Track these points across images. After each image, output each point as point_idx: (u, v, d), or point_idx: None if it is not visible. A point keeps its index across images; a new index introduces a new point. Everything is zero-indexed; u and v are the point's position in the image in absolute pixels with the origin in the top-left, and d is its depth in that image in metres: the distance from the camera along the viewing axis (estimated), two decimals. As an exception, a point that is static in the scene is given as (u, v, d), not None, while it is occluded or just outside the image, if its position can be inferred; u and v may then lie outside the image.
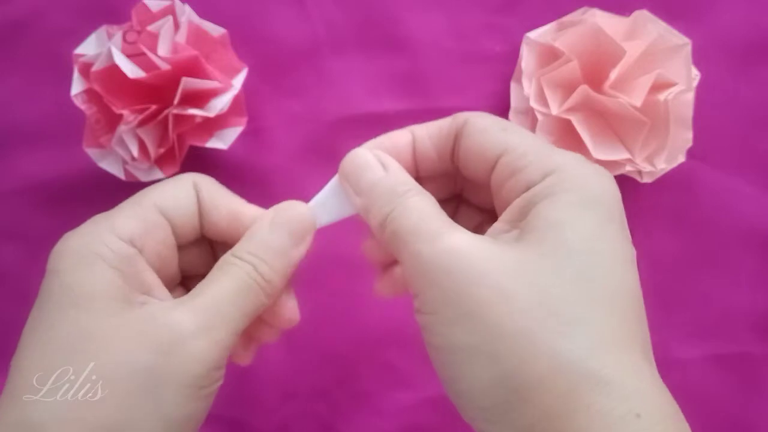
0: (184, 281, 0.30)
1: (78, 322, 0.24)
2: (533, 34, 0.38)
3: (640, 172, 0.38)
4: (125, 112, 0.36)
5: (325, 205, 0.29)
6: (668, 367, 0.41)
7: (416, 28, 0.41)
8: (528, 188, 0.25)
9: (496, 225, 0.25)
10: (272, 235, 0.27)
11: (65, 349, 0.24)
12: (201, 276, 0.29)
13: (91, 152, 0.38)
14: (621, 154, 0.36)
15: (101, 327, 0.24)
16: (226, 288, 0.26)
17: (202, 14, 0.39)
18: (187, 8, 0.37)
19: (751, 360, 0.41)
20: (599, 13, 0.38)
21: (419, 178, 0.29)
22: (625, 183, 0.40)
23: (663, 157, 0.37)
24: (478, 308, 0.22)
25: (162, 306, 0.26)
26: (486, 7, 0.41)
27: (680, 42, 0.36)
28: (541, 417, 0.21)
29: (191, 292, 0.26)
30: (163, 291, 0.27)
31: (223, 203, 0.28)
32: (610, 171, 0.37)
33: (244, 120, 0.39)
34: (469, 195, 0.30)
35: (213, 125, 0.38)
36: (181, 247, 0.29)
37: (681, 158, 0.38)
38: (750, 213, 0.41)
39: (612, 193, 0.25)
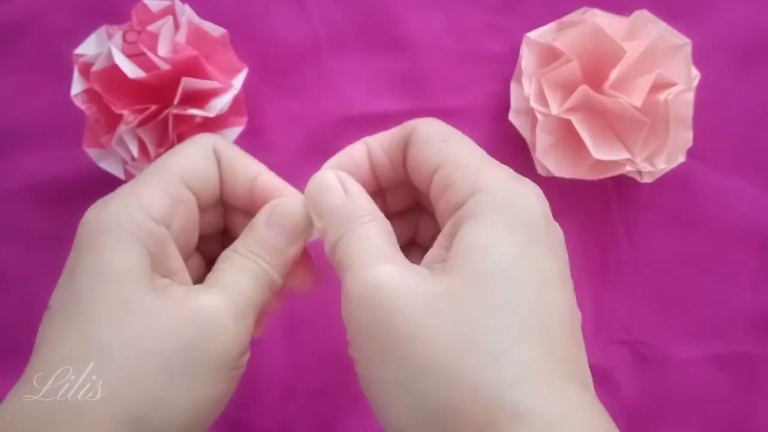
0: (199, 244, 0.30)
1: (114, 293, 0.24)
2: (533, 34, 0.38)
3: (640, 172, 0.38)
4: (125, 112, 0.36)
5: None
6: (668, 367, 0.42)
7: (416, 28, 0.41)
8: (456, 209, 0.24)
9: (431, 252, 0.25)
10: (268, 234, 0.27)
11: (103, 320, 0.24)
12: (211, 237, 0.29)
13: (91, 152, 0.38)
14: (621, 154, 0.36)
15: (139, 300, 0.24)
16: (245, 277, 0.27)
17: (202, 14, 0.39)
18: (187, 8, 0.38)
19: (751, 360, 0.42)
20: (599, 13, 0.38)
21: (382, 189, 0.29)
22: (625, 183, 0.40)
23: (663, 157, 0.37)
24: (398, 344, 0.22)
25: (192, 289, 0.26)
26: (486, 7, 0.41)
27: (680, 42, 0.36)
28: None
29: (209, 282, 0.27)
30: (185, 277, 0.27)
31: (243, 171, 0.28)
32: (610, 171, 0.37)
33: (244, 120, 0.39)
34: (426, 205, 0.30)
35: (213, 125, 0.38)
36: (202, 213, 0.29)
37: (681, 158, 0.38)
38: (750, 213, 0.42)
39: (536, 212, 0.24)
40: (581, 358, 0.24)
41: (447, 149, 0.26)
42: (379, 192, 0.30)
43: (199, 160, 0.28)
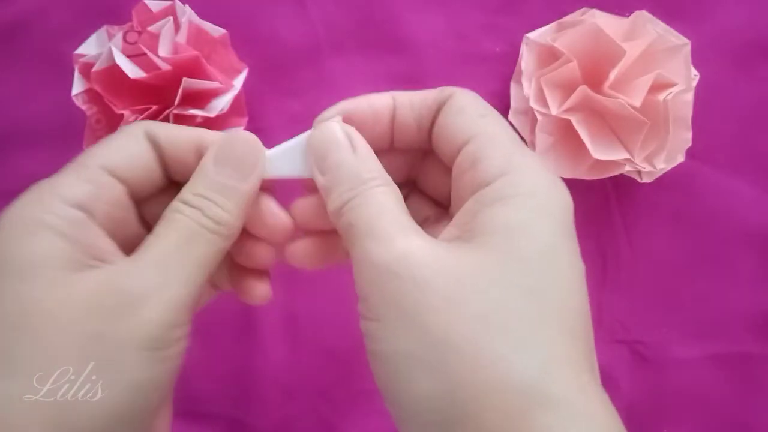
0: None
1: (20, 295, 0.23)
2: (533, 35, 0.38)
3: (639, 172, 0.38)
4: (126, 113, 0.36)
5: (284, 158, 0.27)
6: (668, 367, 0.42)
7: (416, 28, 0.41)
8: (481, 187, 0.23)
9: (449, 229, 0.24)
10: (217, 172, 0.25)
11: (7, 326, 0.22)
12: None
13: (92, 152, 0.38)
14: (620, 154, 0.37)
15: (45, 299, 0.23)
16: (172, 241, 0.24)
17: (203, 15, 0.39)
18: (188, 9, 0.38)
19: (750, 360, 0.42)
20: (599, 13, 0.38)
21: (389, 150, 0.27)
22: (624, 183, 0.40)
23: (662, 157, 0.37)
24: (425, 315, 0.21)
25: (109, 270, 0.24)
26: (486, 7, 0.41)
27: (679, 42, 0.37)
28: None
29: (139, 249, 0.24)
30: (119, 256, 0.25)
31: (185, 139, 0.26)
32: (609, 171, 0.37)
33: (244, 120, 0.39)
34: (425, 184, 0.29)
35: (214, 125, 0.38)
36: (146, 200, 0.27)
37: (680, 158, 0.38)
38: (749, 213, 0.42)
39: (569, 206, 0.24)
40: (594, 357, 0.23)
41: (482, 123, 0.25)
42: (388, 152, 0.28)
43: (126, 148, 0.26)
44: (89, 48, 0.38)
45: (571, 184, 0.38)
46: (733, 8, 0.41)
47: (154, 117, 0.36)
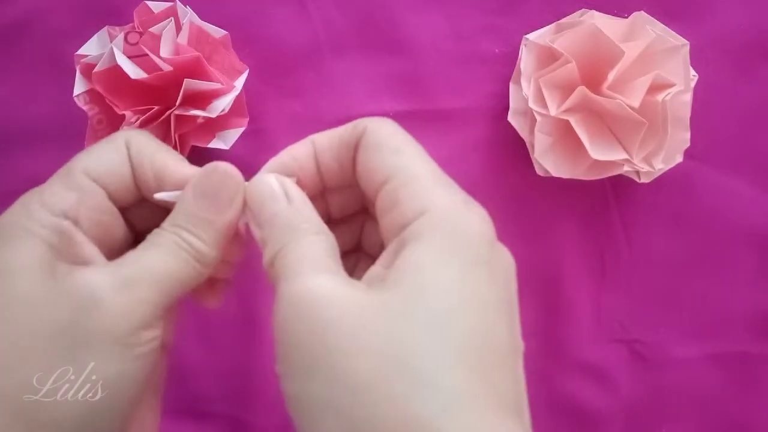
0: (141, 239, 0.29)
1: (4, 297, 0.24)
2: (532, 36, 0.38)
3: (638, 173, 0.38)
4: (127, 113, 0.36)
5: None
6: (667, 367, 0.42)
7: (416, 29, 0.42)
8: (402, 228, 0.23)
9: (373, 269, 0.24)
10: (196, 205, 0.26)
11: None
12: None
13: (94, 153, 0.38)
14: (619, 155, 0.37)
15: (21, 294, 0.23)
16: (152, 251, 0.25)
17: (204, 16, 0.39)
18: (189, 10, 0.38)
19: (749, 360, 0.42)
20: (598, 14, 0.38)
21: (327, 190, 0.28)
22: (623, 183, 0.41)
23: (661, 157, 0.37)
24: (328, 358, 0.21)
25: (84, 270, 0.25)
26: (485, 8, 0.42)
27: (678, 43, 0.37)
28: None
29: (117, 260, 0.25)
30: (102, 261, 0.26)
31: (150, 161, 0.27)
32: (608, 171, 0.37)
33: (245, 121, 0.39)
34: (373, 211, 0.28)
35: (215, 126, 0.38)
36: (131, 207, 0.28)
37: (679, 158, 0.38)
38: (748, 213, 0.42)
39: (481, 235, 0.23)
40: (519, 392, 0.23)
41: (397, 162, 0.24)
42: (322, 195, 0.28)
43: (107, 155, 0.26)
44: (90, 49, 0.38)
45: (570, 185, 0.39)
46: (732, 9, 0.41)
47: (155, 118, 0.36)
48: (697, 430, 0.42)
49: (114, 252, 0.27)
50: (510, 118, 0.39)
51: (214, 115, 0.37)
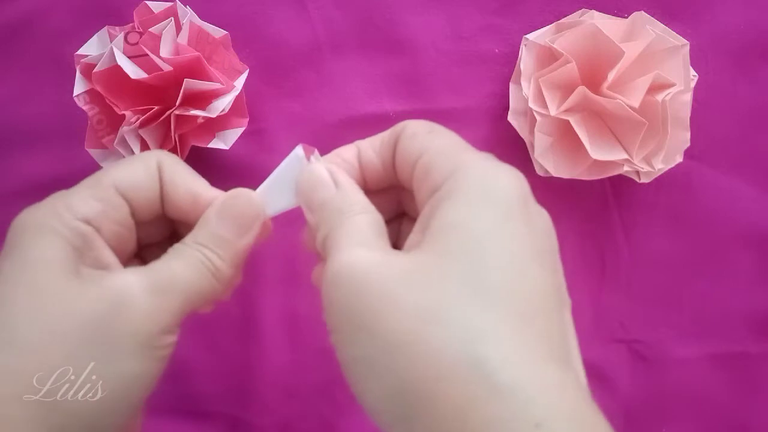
0: (141, 252, 0.31)
1: (32, 280, 0.25)
2: (532, 36, 0.38)
3: (637, 173, 0.38)
4: (127, 113, 0.36)
5: (273, 192, 0.29)
6: (667, 367, 0.42)
7: (416, 29, 0.42)
8: (434, 192, 0.24)
9: (411, 237, 0.25)
10: (218, 226, 0.28)
11: (18, 304, 0.24)
12: (157, 245, 0.29)
13: (94, 153, 0.38)
14: (619, 155, 0.37)
15: (56, 285, 0.25)
16: (178, 263, 0.27)
17: (204, 16, 0.39)
18: (189, 10, 0.38)
19: (749, 359, 0.42)
20: (597, 14, 0.38)
21: (368, 191, 0.28)
22: (622, 183, 0.41)
23: (661, 157, 0.37)
24: (371, 320, 0.22)
25: (116, 272, 0.26)
26: (485, 8, 0.42)
27: (678, 43, 0.37)
28: (440, 428, 0.21)
29: (146, 266, 0.27)
30: (119, 268, 0.27)
31: (184, 184, 0.28)
32: (608, 171, 0.37)
33: (245, 121, 0.39)
34: (408, 209, 0.30)
35: (215, 126, 0.38)
36: (142, 223, 0.29)
37: (679, 158, 0.38)
38: (748, 213, 0.42)
39: (512, 189, 0.24)
40: (566, 341, 0.23)
41: (431, 139, 0.26)
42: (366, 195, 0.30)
43: (137, 172, 0.28)
44: (91, 49, 0.38)
45: (570, 185, 0.39)
46: (732, 9, 0.41)
47: (155, 118, 0.36)
48: (697, 430, 0.42)
49: (121, 262, 0.28)
50: (510, 118, 0.39)
51: (214, 115, 0.37)
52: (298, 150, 0.28)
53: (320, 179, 0.27)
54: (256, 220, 0.28)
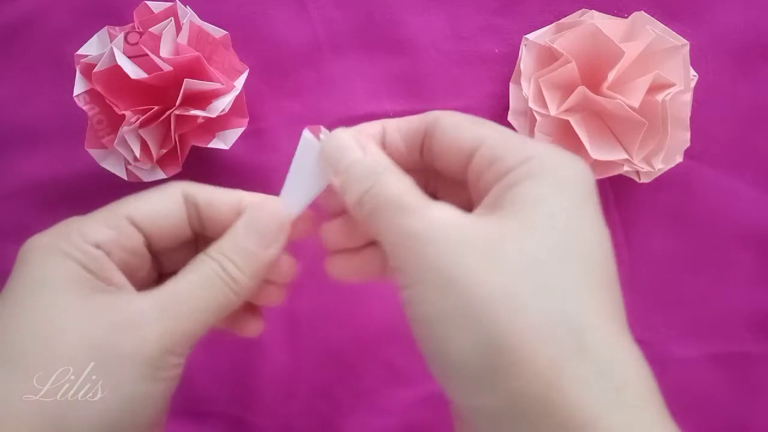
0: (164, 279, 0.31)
1: (33, 305, 0.25)
2: (532, 36, 0.38)
3: (637, 173, 0.38)
4: (127, 113, 0.36)
5: (294, 190, 0.29)
6: (666, 367, 0.42)
7: (416, 29, 0.42)
8: (503, 176, 0.25)
9: (477, 210, 0.26)
10: (245, 237, 0.28)
11: (23, 324, 0.25)
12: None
13: (94, 153, 0.38)
14: (619, 155, 0.37)
15: (61, 307, 0.25)
16: (190, 281, 0.27)
17: (204, 16, 0.39)
18: (189, 10, 0.38)
19: (749, 359, 0.42)
20: (597, 14, 0.38)
21: None
22: (622, 183, 0.41)
23: (660, 157, 0.37)
24: (462, 274, 0.23)
25: (126, 292, 0.27)
26: (485, 8, 0.42)
27: (678, 43, 0.37)
28: (528, 383, 0.21)
29: (158, 288, 0.27)
30: (130, 289, 0.27)
31: (221, 199, 0.29)
32: (608, 171, 0.37)
33: (245, 121, 0.39)
34: (442, 195, 0.30)
35: (215, 126, 0.38)
36: (165, 251, 0.29)
37: (679, 158, 0.38)
38: (748, 213, 0.42)
39: (588, 179, 0.25)
40: (623, 309, 0.24)
41: (483, 130, 0.26)
42: None
43: (157, 204, 0.28)
44: (91, 49, 0.38)
45: (570, 185, 0.39)
46: (732, 9, 0.42)
47: (155, 117, 0.36)
48: (697, 430, 0.42)
49: (134, 285, 0.28)
50: (510, 118, 0.39)
51: (214, 115, 0.37)
52: (306, 133, 0.28)
53: (345, 142, 0.27)
54: (282, 232, 0.28)
